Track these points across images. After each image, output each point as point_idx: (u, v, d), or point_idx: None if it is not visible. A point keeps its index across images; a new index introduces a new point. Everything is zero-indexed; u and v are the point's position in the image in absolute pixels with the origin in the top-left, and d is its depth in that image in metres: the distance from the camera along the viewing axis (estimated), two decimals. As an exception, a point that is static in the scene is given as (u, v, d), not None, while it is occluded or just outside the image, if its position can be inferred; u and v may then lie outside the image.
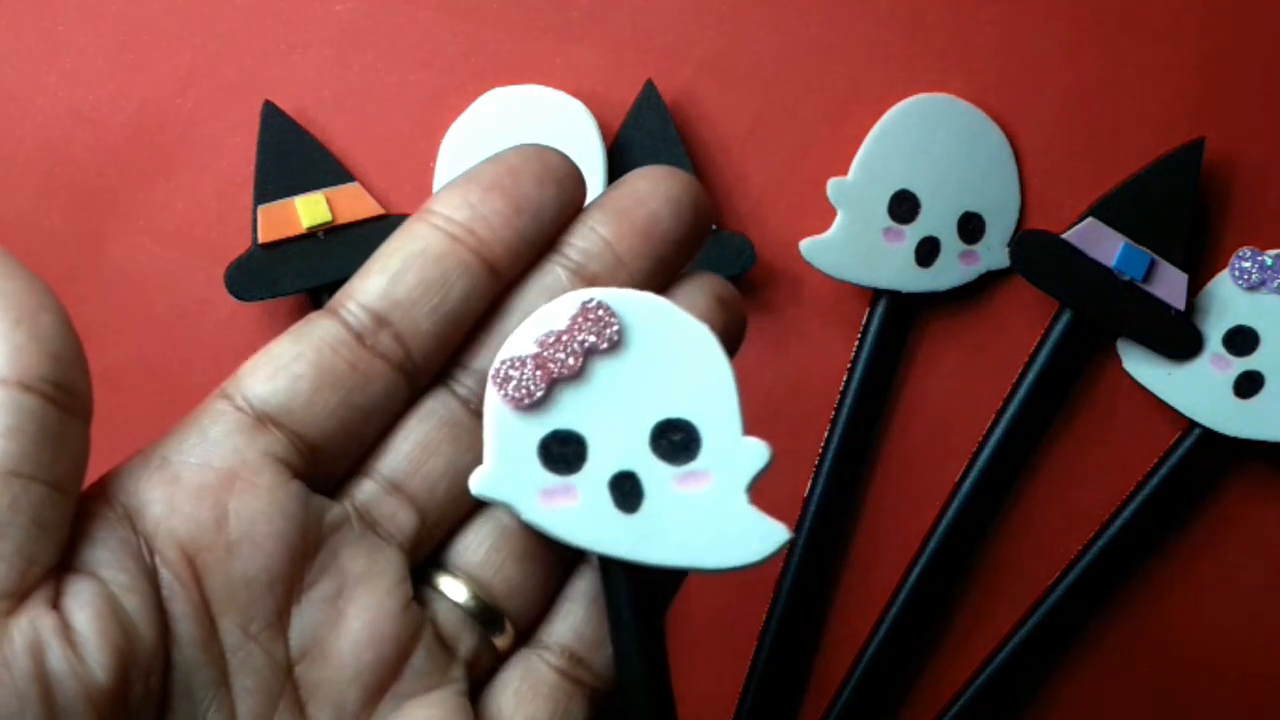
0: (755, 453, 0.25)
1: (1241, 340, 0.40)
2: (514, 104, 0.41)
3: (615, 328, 0.25)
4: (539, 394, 0.25)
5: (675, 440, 0.25)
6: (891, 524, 0.43)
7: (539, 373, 0.25)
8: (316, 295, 0.42)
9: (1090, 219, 0.40)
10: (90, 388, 0.23)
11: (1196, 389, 0.40)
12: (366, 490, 0.25)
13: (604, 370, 0.25)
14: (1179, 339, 0.40)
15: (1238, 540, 0.42)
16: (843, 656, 0.43)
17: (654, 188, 0.26)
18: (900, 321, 0.42)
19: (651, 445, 0.25)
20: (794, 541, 0.42)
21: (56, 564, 0.22)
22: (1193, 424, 0.41)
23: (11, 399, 0.21)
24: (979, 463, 0.42)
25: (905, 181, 0.41)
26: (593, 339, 0.25)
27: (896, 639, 0.42)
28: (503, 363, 0.25)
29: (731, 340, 0.26)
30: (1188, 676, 0.42)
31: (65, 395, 0.22)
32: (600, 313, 0.25)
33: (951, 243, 0.42)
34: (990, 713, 0.42)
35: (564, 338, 0.25)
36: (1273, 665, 0.42)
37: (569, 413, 0.25)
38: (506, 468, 0.25)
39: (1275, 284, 0.40)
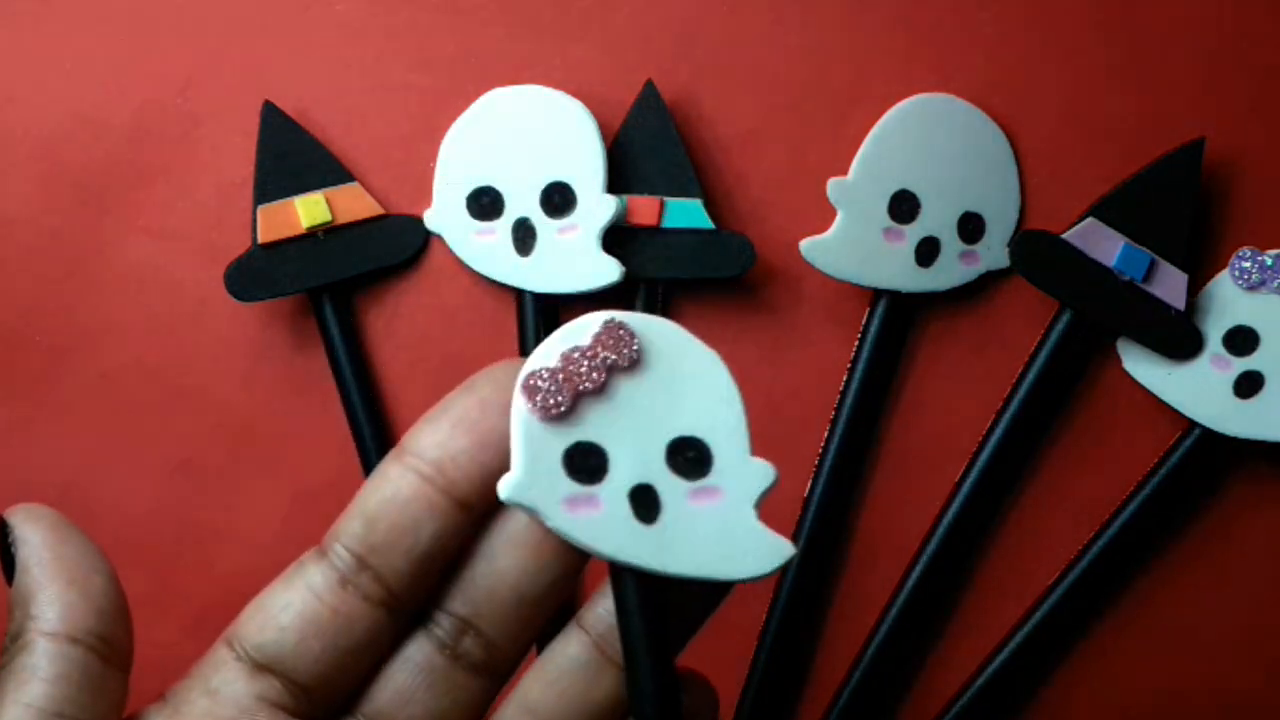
0: (763, 472, 0.27)
1: (1241, 340, 0.40)
2: (514, 104, 0.41)
3: (636, 347, 0.26)
4: (565, 406, 0.26)
5: (689, 457, 0.27)
6: (891, 524, 0.43)
7: (565, 385, 0.26)
8: (316, 295, 0.42)
9: (1090, 219, 0.40)
10: (132, 642, 0.26)
11: (1196, 389, 0.40)
12: None
13: (624, 387, 0.27)
14: (1179, 339, 0.40)
15: (1238, 540, 0.42)
16: (843, 656, 0.43)
17: None
18: (900, 321, 0.42)
19: (667, 460, 0.27)
20: (795, 541, 0.42)
21: None
22: (1193, 424, 0.41)
23: (60, 650, 0.24)
24: (979, 463, 0.42)
25: (905, 181, 0.41)
26: (615, 356, 0.26)
27: (896, 639, 0.42)
28: (531, 374, 0.26)
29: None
30: (1188, 676, 0.42)
31: (108, 648, 0.25)
32: (622, 332, 0.26)
33: (951, 243, 0.42)
34: (990, 713, 0.42)
35: (588, 353, 0.26)
36: (1273, 665, 0.42)
37: (591, 425, 0.26)
38: (533, 475, 0.26)
39: (1275, 284, 0.40)
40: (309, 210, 0.41)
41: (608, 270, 0.40)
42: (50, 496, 0.43)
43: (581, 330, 0.26)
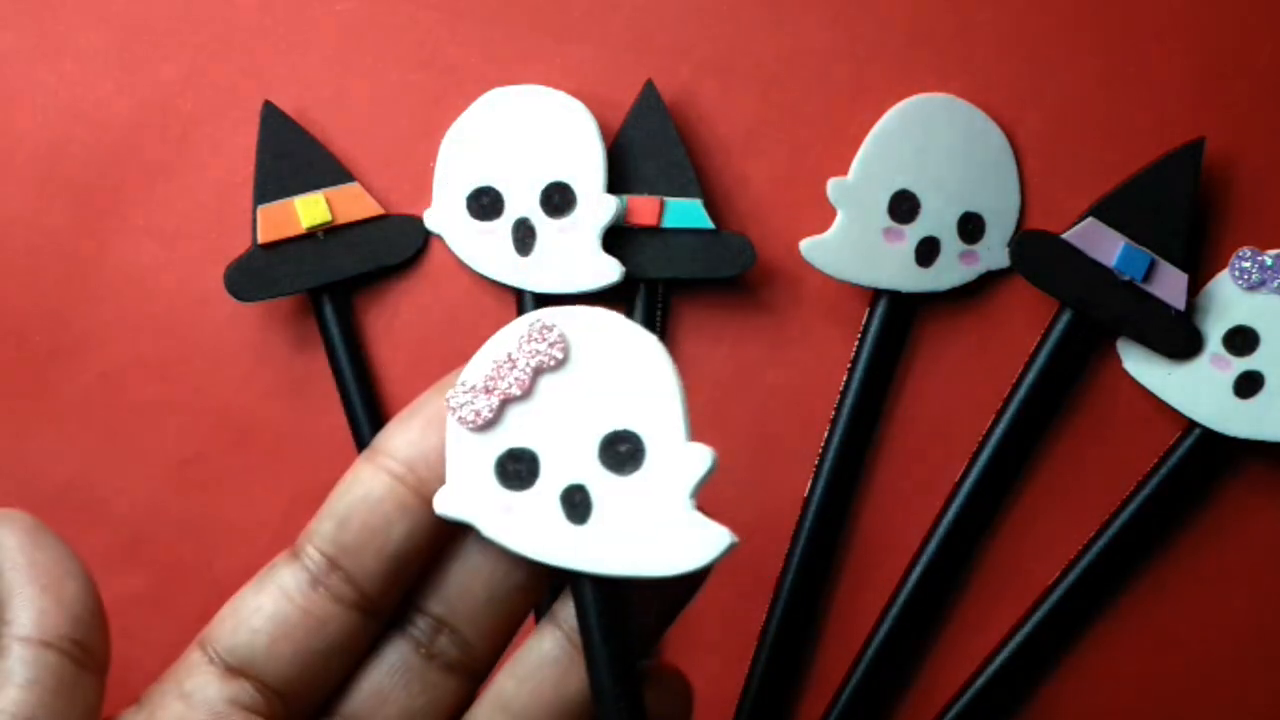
0: (698, 459, 0.26)
1: (1241, 340, 0.40)
2: (514, 104, 0.41)
3: (560, 345, 0.26)
4: (489, 415, 0.26)
5: (622, 451, 0.26)
6: (891, 524, 0.43)
7: (489, 395, 0.26)
8: (316, 295, 0.42)
9: (1090, 219, 0.40)
10: (108, 646, 0.26)
11: (1196, 389, 0.40)
12: None
13: (553, 387, 0.26)
14: (1179, 339, 0.40)
15: (1238, 540, 0.42)
16: (843, 656, 0.43)
17: None
18: (900, 321, 0.42)
19: (600, 457, 0.26)
20: (794, 541, 0.42)
21: None
22: (1193, 424, 0.41)
23: (33, 655, 0.24)
24: (979, 462, 0.42)
25: (905, 181, 0.41)
26: (540, 359, 0.26)
27: (897, 639, 0.42)
28: (456, 387, 0.26)
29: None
30: (1188, 676, 0.42)
31: (82, 652, 0.25)
32: (546, 332, 0.26)
33: (951, 243, 0.42)
34: (990, 713, 0.42)
35: (512, 358, 0.26)
36: (1273, 665, 0.42)
37: (521, 430, 0.26)
38: (465, 487, 0.26)
39: (1275, 284, 0.40)
40: (309, 210, 0.41)
41: (608, 270, 0.40)
42: (50, 496, 0.43)
43: (508, 336, 0.26)
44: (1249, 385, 0.40)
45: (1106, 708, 0.43)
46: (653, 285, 0.42)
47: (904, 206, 0.41)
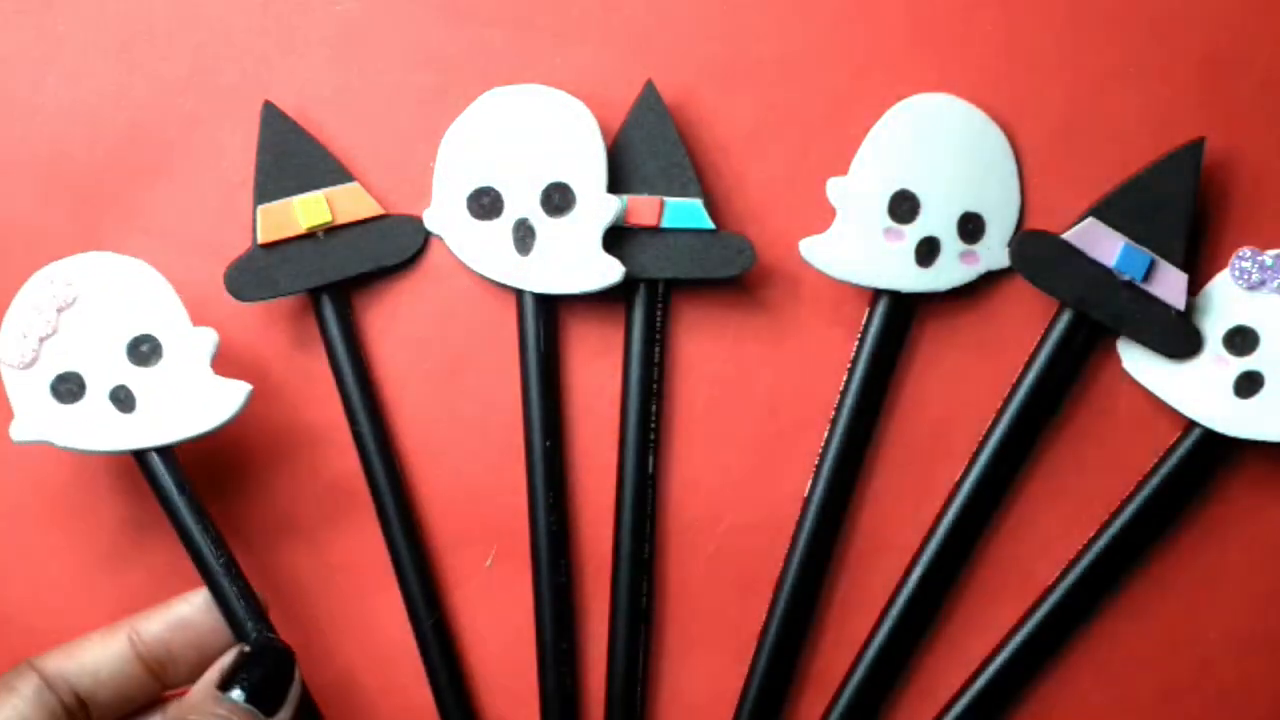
0: (205, 336, 0.37)
1: (1241, 340, 0.40)
2: (514, 104, 0.41)
3: (70, 286, 0.37)
4: (32, 355, 0.36)
5: (144, 350, 0.37)
6: (891, 524, 0.43)
7: (26, 339, 0.36)
8: (316, 295, 0.42)
9: (1090, 219, 0.40)
10: None
11: (1196, 389, 0.40)
12: None
13: (76, 318, 0.37)
14: (1179, 339, 0.40)
15: (1238, 540, 0.42)
16: (842, 657, 0.43)
17: None
18: (900, 321, 0.42)
19: (130, 357, 0.37)
20: (794, 541, 0.42)
21: None
22: (1193, 424, 0.41)
23: None
24: (979, 462, 0.42)
25: (905, 181, 0.41)
26: (59, 301, 0.36)
27: (897, 639, 0.42)
28: (4, 338, 0.36)
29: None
30: (1187, 676, 0.43)
31: None
32: (56, 279, 0.37)
33: (951, 243, 0.42)
34: (990, 712, 0.42)
35: (37, 305, 0.36)
36: (1273, 665, 0.42)
37: (61, 357, 0.37)
38: (30, 414, 0.36)
39: (1275, 284, 0.40)
40: (309, 210, 0.41)
41: (608, 270, 0.40)
42: (50, 496, 0.43)
43: (31, 289, 0.37)
44: (1249, 385, 0.40)
45: (1106, 707, 0.43)
46: (653, 285, 0.42)
47: (904, 206, 0.41)
